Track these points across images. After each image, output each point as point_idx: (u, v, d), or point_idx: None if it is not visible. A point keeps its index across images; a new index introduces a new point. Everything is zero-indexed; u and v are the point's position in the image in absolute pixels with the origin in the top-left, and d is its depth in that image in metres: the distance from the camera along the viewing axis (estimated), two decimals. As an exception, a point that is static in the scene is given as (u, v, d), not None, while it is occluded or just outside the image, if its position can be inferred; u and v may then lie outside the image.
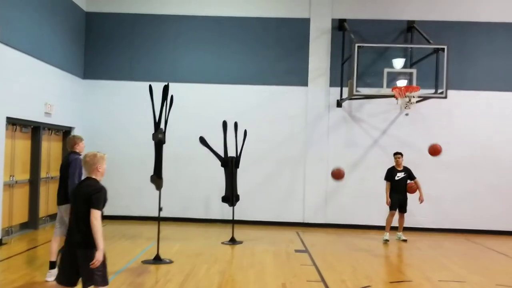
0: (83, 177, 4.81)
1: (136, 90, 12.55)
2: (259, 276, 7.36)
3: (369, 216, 12.43)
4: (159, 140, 7.88)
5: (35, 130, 10.62)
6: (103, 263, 4.39)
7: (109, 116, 12.70)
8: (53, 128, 11.46)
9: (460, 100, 12.39)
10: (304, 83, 12.70)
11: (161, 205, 8.39)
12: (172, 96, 8.15)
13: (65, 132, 12.21)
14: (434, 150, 10.50)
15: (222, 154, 10.05)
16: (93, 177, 4.60)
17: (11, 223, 9.80)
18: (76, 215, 4.45)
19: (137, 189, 12.42)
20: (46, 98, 10.66)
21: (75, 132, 12.32)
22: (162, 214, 8.60)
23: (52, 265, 6.66)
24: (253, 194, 12.17)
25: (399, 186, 10.69)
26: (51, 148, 11.59)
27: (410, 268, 8.23)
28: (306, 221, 12.59)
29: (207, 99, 12.60)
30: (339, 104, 12.63)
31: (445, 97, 10.72)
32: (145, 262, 7.87)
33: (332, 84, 12.63)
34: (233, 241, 9.96)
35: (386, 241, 10.55)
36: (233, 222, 10.29)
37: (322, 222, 12.54)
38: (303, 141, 12.69)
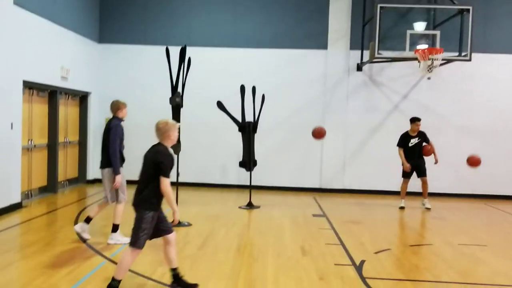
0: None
1: (152, 54, 12.42)
2: (278, 239, 7.33)
3: (388, 181, 12.28)
4: (176, 104, 7.77)
5: (52, 95, 10.59)
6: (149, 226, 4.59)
7: (126, 81, 12.58)
8: (69, 92, 11.43)
9: (483, 64, 12.01)
10: (324, 46, 12.40)
11: (179, 170, 8.33)
12: (189, 58, 7.99)
13: (82, 97, 12.18)
14: (318, 133, 9.93)
15: (239, 119, 9.92)
16: (164, 143, 4.72)
17: (30, 186, 9.90)
18: (141, 177, 4.68)
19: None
20: (62, 62, 10.59)
21: (91, 97, 12.30)
22: (179, 180, 8.55)
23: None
24: (270, 160, 12.08)
25: (413, 152, 10.14)
26: (68, 113, 11.59)
27: (430, 232, 8.13)
28: (323, 186, 12.51)
29: (223, 63, 12.39)
30: (359, 67, 12.33)
31: (469, 60, 10.36)
32: (164, 224, 7.85)
33: (353, 47, 12.30)
34: (250, 205, 9.94)
35: (401, 208, 10.29)
36: (250, 187, 10.24)
37: (340, 188, 12.45)
38: (321, 106, 12.48)
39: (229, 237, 7.31)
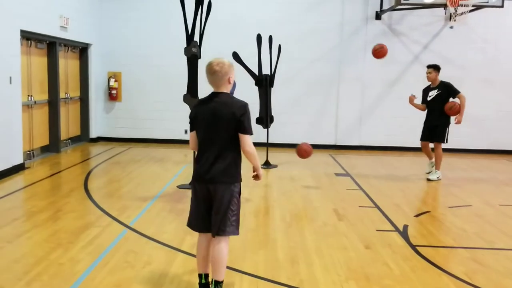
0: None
1: (157, 1, 11.52)
2: (306, 201, 6.80)
3: (406, 137, 11.73)
4: (193, 55, 6.98)
5: (51, 46, 9.76)
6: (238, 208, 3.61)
7: (129, 32, 11.70)
8: (69, 44, 10.58)
9: (509, 12, 11.20)
10: (340, -8, 11.54)
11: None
12: (210, 2, 7.18)
13: (82, 49, 11.33)
14: (302, 152, 8.21)
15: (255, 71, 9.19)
16: (225, 91, 3.54)
17: (32, 146, 9.24)
18: (212, 141, 3.47)
19: (160, 111, 11.75)
20: (60, 10, 9.69)
21: (92, 49, 11.45)
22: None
23: None
24: (283, 116, 11.38)
25: (431, 108, 8.44)
26: (68, 66, 10.79)
27: (465, 192, 7.60)
28: (338, 143, 11.94)
29: (232, 11, 11.47)
30: (378, 16, 11.51)
31: (502, 6, 9.61)
32: (181, 187, 7.29)
33: (371, -7, 11.46)
34: (267, 164, 9.37)
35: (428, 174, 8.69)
36: (268, 145, 9.63)
37: (355, 144, 11.89)
38: (337, 58, 11.72)
39: (254, 199, 6.76)
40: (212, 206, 3.53)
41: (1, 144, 7.60)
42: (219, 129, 3.46)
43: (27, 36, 8.73)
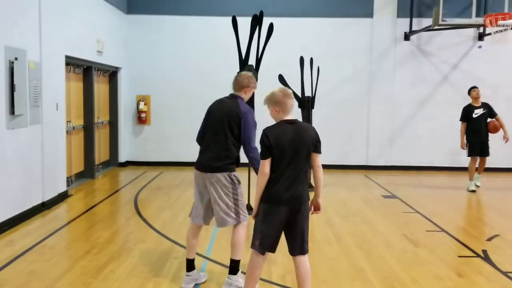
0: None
1: (185, 24, 11.50)
2: (369, 226, 6.69)
3: (437, 157, 11.75)
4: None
5: (87, 71, 9.65)
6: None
7: (156, 56, 11.62)
8: (102, 68, 10.47)
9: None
10: (369, 14, 11.57)
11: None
12: (271, 25, 7.12)
13: (112, 74, 11.22)
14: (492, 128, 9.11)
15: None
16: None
17: (71, 172, 9.06)
18: (295, 164, 3.61)
19: (189, 133, 11.53)
20: (97, 35, 9.62)
21: (121, 73, 11.34)
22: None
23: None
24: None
25: (479, 125, 9.03)
26: (100, 91, 10.66)
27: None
28: (369, 163, 11.88)
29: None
30: (407, 37, 11.58)
31: (538, 26, 9.67)
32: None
33: (400, 14, 11.51)
34: (310, 186, 9.24)
35: (472, 191, 9.07)
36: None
37: (387, 164, 11.83)
38: (367, 78, 11.73)
39: (316, 223, 6.63)
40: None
41: (49, 172, 7.41)
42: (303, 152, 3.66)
43: (67, 61, 8.61)
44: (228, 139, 4.26)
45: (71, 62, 8.81)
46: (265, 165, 3.62)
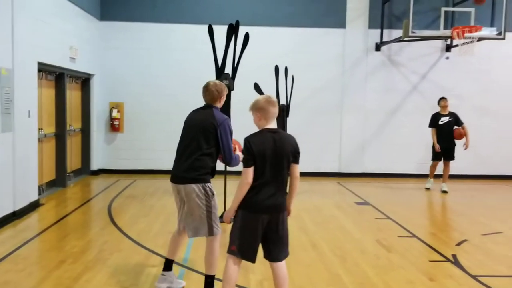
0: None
1: (159, 32, 11.50)
2: (343, 232, 6.81)
3: (407, 164, 12.03)
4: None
5: (59, 78, 9.53)
6: None
7: (130, 63, 11.57)
8: (75, 75, 10.35)
9: (502, 43, 11.73)
10: (342, 25, 11.81)
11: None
12: (247, 34, 7.21)
13: (84, 80, 11.10)
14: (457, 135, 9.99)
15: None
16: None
17: (42, 181, 8.90)
18: (280, 172, 3.70)
19: (163, 141, 11.50)
20: (70, 41, 9.52)
21: (94, 80, 11.24)
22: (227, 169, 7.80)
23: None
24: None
25: (444, 132, 9.91)
26: (72, 98, 10.53)
27: (491, 219, 7.77)
28: (342, 171, 12.06)
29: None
30: (378, 47, 11.86)
31: (503, 39, 10.07)
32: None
33: (371, 26, 11.79)
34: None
35: (427, 189, 10.31)
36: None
37: (359, 172, 12.04)
38: (340, 87, 11.95)
39: (292, 230, 6.68)
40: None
41: (20, 180, 7.27)
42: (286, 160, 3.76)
43: (39, 68, 8.49)
44: (202, 149, 4.24)
45: (44, 69, 8.69)
46: (249, 174, 3.66)
